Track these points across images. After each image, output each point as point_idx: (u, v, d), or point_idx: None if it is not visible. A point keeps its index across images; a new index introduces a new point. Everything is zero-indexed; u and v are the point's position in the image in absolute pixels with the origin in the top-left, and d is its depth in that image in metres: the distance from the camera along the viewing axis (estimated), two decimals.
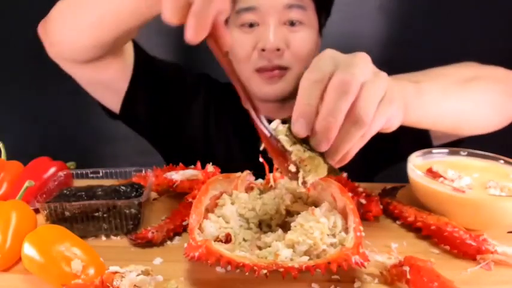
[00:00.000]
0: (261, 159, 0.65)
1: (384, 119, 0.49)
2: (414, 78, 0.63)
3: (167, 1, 0.44)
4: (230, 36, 0.48)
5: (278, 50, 0.87)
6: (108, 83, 0.91)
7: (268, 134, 0.48)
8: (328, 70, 0.47)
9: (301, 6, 0.89)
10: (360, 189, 0.71)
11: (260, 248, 0.52)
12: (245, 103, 0.49)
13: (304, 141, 0.48)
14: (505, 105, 0.75)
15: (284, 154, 0.48)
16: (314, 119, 0.47)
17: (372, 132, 0.49)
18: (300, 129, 0.46)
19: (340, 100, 0.45)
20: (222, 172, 0.71)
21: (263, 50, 0.88)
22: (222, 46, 0.47)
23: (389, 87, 0.49)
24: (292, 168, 0.48)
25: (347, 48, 0.57)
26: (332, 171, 0.49)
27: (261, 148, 0.50)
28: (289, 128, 0.48)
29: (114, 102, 0.94)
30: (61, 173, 0.74)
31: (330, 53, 0.49)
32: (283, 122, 0.49)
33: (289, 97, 0.98)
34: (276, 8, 0.87)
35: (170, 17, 0.45)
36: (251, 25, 0.90)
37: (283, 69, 0.90)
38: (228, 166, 0.72)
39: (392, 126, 0.53)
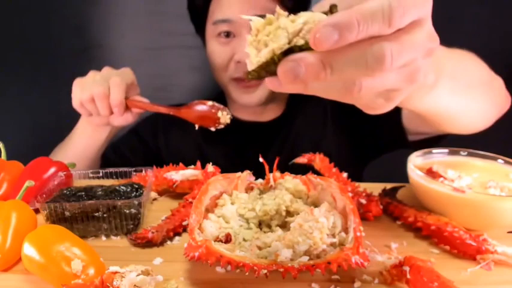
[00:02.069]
0: (261, 159, 0.65)
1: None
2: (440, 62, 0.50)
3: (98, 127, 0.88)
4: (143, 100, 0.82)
5: None
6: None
7: None
8: None
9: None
10: (360, 189, 0.71)
11: (260, 248, 0.52)
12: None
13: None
14: (489, 112, 0.73)
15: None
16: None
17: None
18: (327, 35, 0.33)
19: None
20: (222, 172, 0.71)
21: (239, 62, 0.93)
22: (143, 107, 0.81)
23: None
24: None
25: None
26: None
27: None
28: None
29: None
30: (61, 173, 0.74)
31: None
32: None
33: (269, 101, 1.02)
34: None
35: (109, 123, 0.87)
36: (227, 35, 0.94)
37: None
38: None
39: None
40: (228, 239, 0.53)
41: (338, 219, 0.54)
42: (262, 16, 0.37)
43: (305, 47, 0.35)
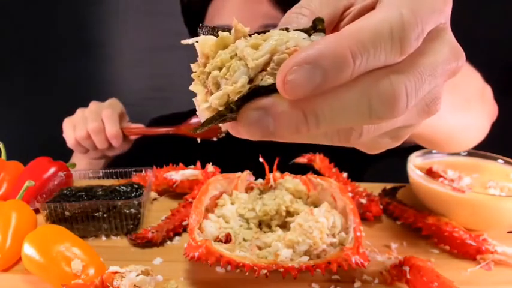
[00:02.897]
0: (261, 159, 0.65)
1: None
2: None
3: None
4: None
5: None
6: None
7: None
8: None
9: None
10: (360, 189, 0.71)
11: (260, 248, 0.52)
12: None
13: None
14: (484, 127, 0.66)
15: None
16: None
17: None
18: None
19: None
20: (222, 172, 0.71)
21: None
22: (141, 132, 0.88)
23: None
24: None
25: None
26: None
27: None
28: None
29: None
30: (61, 173, 0.74)
31: None
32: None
33: None
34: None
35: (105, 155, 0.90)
36: None
37: None
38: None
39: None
40: (228, 239, 0.53)
41: (338, 219, 0.54)
42: (215, 32, 0.27)
43: (275, 87, 0.23)
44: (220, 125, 0.42)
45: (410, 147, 0.74)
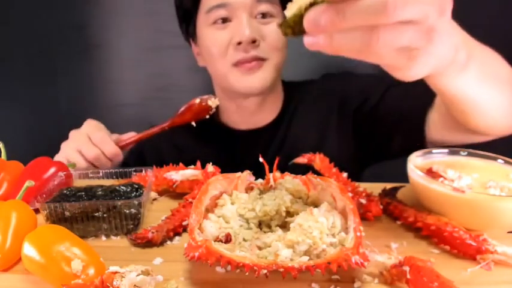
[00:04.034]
0: (261, 159, 0.65)
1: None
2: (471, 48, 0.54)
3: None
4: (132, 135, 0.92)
5: (254, 41, 0.90)
6: None
7: None
8: None
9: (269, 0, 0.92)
10: (360, 189, 0.71)
11: (260, 248, 0.52)
12: None
13: None
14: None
15: None
16: None
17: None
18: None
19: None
20: (222, 172, 0.71)
21: (239, 43, 0.90)
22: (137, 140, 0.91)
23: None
24: None
25: None
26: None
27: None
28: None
29: None
30: (61, 173, 0.74)
31: None
32: None
33: (269, 92, 1.00)
34: (246, 2, 0.89)
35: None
36: (224, 21, 0.92)
37: (261, 60, 0.92)
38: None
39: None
40: (228, 239, 0.53)
41: (338, 219, 0.54)
42: None
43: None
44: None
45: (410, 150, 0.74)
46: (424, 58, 0.42)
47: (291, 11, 0.42)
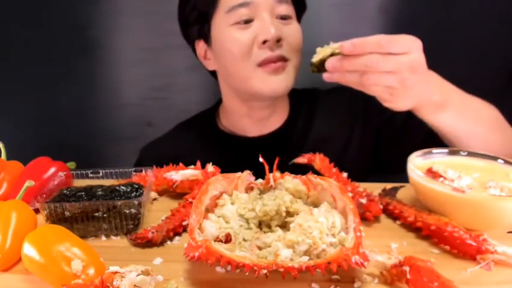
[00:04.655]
0: (261, 159, 0.65)
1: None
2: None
3: None
4: None
5: (279, 40, 0.88)
6: None
7: None
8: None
9: (287, 0, 0.92)
10: (360, 189, 0.71)
11: (260, 248, 0.52)
12: None
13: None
14: (499, 148, 0.77)
15: None
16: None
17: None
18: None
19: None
20: (222, 172, 0.71)
21: (264, 42, 0.88)
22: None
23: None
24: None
25: None
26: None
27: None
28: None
29: None
30: (61, 173, 0.74)
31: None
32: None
33: (280, 101, 1.01)
34: (269, 2, 0.89)
35: None
36: (246, 21, 0.90)
37: (285, 60, 0.91)
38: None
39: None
40: (228, 239, 0.53)
41: (338, 219, 0.54)
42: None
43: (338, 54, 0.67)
44: None
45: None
46: (402, 96, 0.68)
47: (317, 57, 0.68)
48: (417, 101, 0.70)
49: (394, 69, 0.64)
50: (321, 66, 0.68)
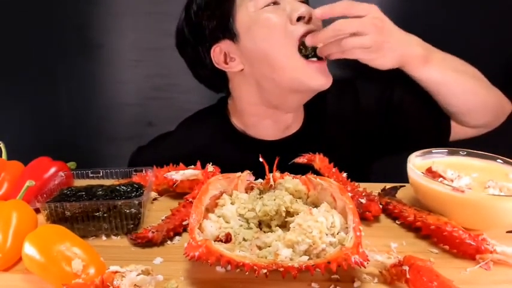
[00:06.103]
0: (261, 159, 0.65)
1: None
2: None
3: None
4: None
5: (310, 18, 0.85)
6: None
7: None
8: None
9: None
10: (360, 189, 0.71)
11: (260, 248, 0.52)
12: None
13: None
14: (486, 100, 0.88)
15: None
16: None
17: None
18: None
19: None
20: (222, 172, 0.71)
21: (298, 18, 0.84)
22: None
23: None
24: None
25: None
26: None
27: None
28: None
29: None
30: (61, 173, 0.74)
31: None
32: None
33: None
34: None
35: None
36: (274, 3, 0.86)
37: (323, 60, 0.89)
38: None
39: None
40: (228, 239, 0.53)
41: (337, 219, 0.54)
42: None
43: None
44: None
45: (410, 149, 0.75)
46: (381, 53, 0.78)
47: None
48: (400, 57, 0.80)
49: (360, 29, 0.74)
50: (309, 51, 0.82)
